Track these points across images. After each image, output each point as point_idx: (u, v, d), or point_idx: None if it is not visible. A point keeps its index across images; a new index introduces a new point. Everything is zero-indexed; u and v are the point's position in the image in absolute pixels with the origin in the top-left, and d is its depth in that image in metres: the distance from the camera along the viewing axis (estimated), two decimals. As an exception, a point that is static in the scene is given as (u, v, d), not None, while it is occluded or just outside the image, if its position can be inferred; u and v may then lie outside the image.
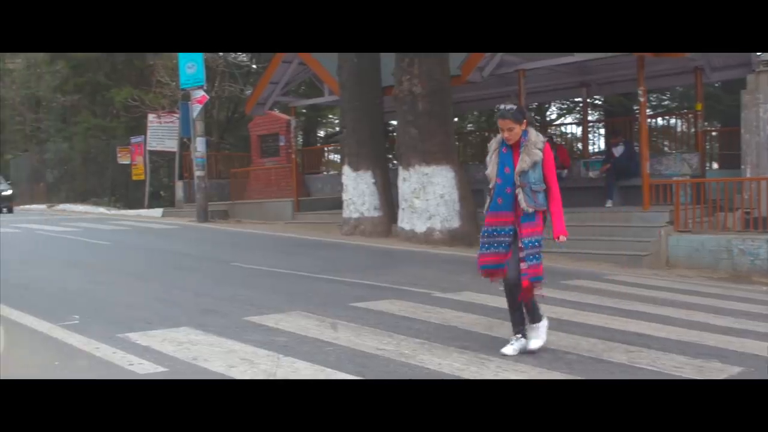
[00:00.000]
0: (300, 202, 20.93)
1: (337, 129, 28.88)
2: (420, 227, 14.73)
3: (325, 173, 24.87)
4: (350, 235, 16.03)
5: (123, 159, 28.36)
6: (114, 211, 26.92)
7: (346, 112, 16.91)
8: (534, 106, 26.60)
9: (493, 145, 5.65)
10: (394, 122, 17.79)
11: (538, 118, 28.36)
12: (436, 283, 9.20)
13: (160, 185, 30.55)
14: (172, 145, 26.22)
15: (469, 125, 32.16)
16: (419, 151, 14.76)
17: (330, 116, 34.72)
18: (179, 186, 26.15)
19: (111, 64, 31.92)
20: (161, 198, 29.79)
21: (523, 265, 5.42)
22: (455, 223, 14.53)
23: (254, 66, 30.65)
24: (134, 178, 27.89)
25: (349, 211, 16.57)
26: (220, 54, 26.88)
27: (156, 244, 14.27)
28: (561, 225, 5.53)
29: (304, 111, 29.66)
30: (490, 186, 5.59)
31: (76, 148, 34.25)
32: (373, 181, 16.34)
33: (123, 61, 31.38)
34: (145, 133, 26.72)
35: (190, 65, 21.45)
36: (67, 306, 7.40)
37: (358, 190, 16.40)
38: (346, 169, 16.68)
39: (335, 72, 17.49)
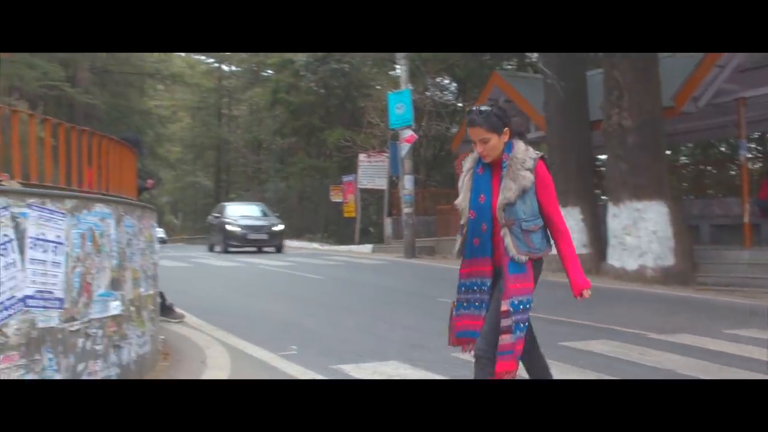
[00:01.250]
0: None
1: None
2: (631, 265, 14.21)
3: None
4: (558, 272, 15.72)
5: (335, 197, 29.58)
6: (327, 247, 28.11)
7: (553, 148, 16.71)
8: (756, 136, 24.96)
9: (467, 163, 4.09)
10: (603, 157, 17.35)
11: (760, 149, 26.49)
12: (650, 323, 8.81)
13: (369, 222, 31.55)
14: (381, 183, 27.02)
15: (682, 158, 30.72)
16: (629, 186, 14.29)
17: (536, 152, 34.39)
18: (388, 222, 26.88)
19: (325, 108, 33.57)
20: (370, 234, 30.74)
21: (506, 339, 3.82)
22: (669, 261, 13.87)
23: (460, 104, 31.07)
24: (345, 215, 29.00)
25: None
26: (427, 93, 27.50)
27: (366, 278, 14.73)
28: (580, 274, 4.01)
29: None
30: (462, 222, 4.08)
31: (292, 187, 36.19)
32: (581, 217, 15.99)
33: (336, 105, 32.90)
34: (356, 172, 27.73)
35: (399, 106, 22.13)
36: (285, 337, 7.82)
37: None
38: (553, 205, 16.42)
39: (541, 107, 17.38)
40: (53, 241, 4.80)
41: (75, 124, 6.07)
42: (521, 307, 3.85)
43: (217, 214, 26.06)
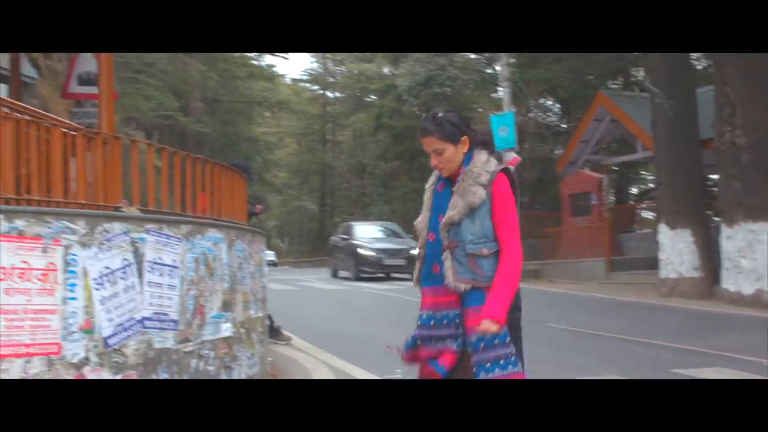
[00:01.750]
0: (612, 261, 20.37)
1: (651, 185, 27.84)
2: (747, 289, 13.63)
3: (638, 232, 24.00)
4: (667, 297, 15.26)
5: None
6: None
7: (661, 168, 16.28)
8: None
9: (430, 179, 3.61)
10: (714, 176, 16.78)
11: None
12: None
13: (472, 245, 31.37)
14: (484, 205, 26.86)
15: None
16: (744, 207, 13.75)
17: (643, 172, 33.59)
18: (491, 246, 26.65)
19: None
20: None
21: (499, 375, 3.38)
22: (788, 285, 13.25)
23: (564, 126, 30.69)
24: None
25: (666, 271, 15.81)
26: (530, 115, 27.28)
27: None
28: (495, 305, 3.34)
29: (615, 168, 29.01)
30: (419, 245, 3.60)
31: (396, 211, 36.47)
32: (692, 239, 15.48)
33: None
34: (459, 195, 27.67)
35: (502, 128, 22.01)
36: (390, 359, 7.85)
37: (675, 249, 15.63)
38: (663, 227, 15.99)
39: (648, 127, 16.98)
40: (169, 265, 5.01)
41: (187, 151, 6.33)
42: (485, 344, 3.32)
43: (344, 236, 23.25)
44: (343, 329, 10.48)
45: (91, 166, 5.37)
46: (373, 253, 21.28)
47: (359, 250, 21.48)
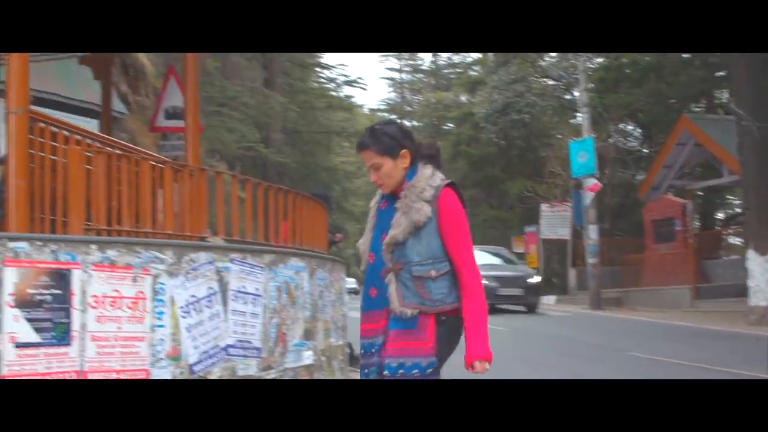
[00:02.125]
0: (698, 289, 19.81)
1: (738, 210, 27.03)
2: (844, 318, 13.08)
3: (725, 258, 23.31)
4: (757, 325, 14.73)
5: (518, 248, 29.36)
6: (509, 298, 27.81)
7: (749, 192, 15.81)
8: None
9: (374, 198, 3.36)
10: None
11: None
12: None
13: (552, 273, 31.01)
14: (564, 233, 26.56)
15: None
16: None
17: (729, 197, 32.64)
18: (572, 273, 26.31)
19: (506, 159, 33.63)
20: (553, 285, 30.20)
21: None
22: None
23: (645, 151, 30.15)
24: (528, 266, 28.70)
25: (756, 299, 15.28)
26: (610, 140, 26.91)
27: (550, 330, 14.46)
28: (480, 342, 3.12)
29: (700, 193, 28.31)
30: (361, 268, 3.32)
31: (475, 239, 36.25)
32: (783, 266, 14.95)
33: (517, 155, 32.88)
34: (538, 223, 27.46)
35: (582, 154, 21.80)
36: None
37: (765, 276, 15.11)
38: (751, 254, 15.48)
39: (734, 150, 16.54)
40: (253, 294, 5.13)
41: (269, 182, 6.49)
42: (400, 371, 3.00)
43: None
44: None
45: (177, 198, 5.55)
46: (486, 282, 19.38)
47: None
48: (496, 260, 20.87)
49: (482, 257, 19.96)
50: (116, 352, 4.50)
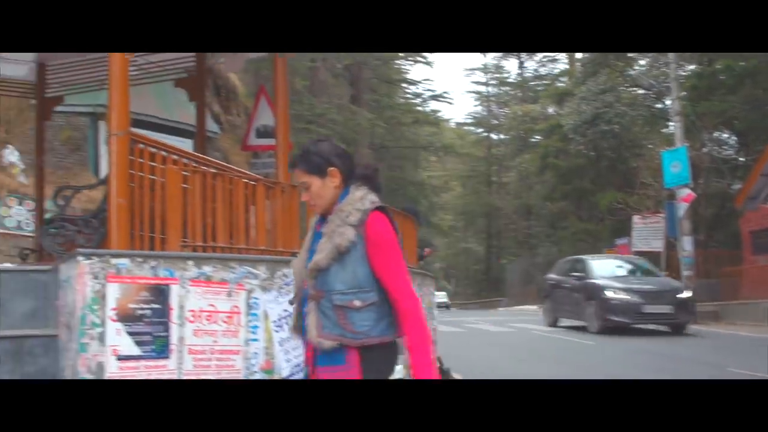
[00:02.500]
0: (802, 302, 19.00)
1: None
2: None
3: (831, 270, 22.32)
4: None
5: (609, 261, 28.80)
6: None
7: None
8: None
9: (314, 218, 3.14)
10: None
11: None
12: None
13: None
14: (657, 245, 25.91)
15: None
16: None
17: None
18: (666, 286, 25.61)
19: (596, 170, 33.08)
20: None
21: None
22: None
23: (741, 159, 29.19)
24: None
25: None
26: (704, 149, 26.18)
27: (644, 345, 14.11)
28: (425, 369, 2.86)
29: (802, 203, 27.21)
30: (294, 292, 3.11)
31: (564, 251, 35.78)
32: None
33: (606, 166, 32.30)
34: (629, 235, 26.90)
35: (675, 164, 21.27)
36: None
37: None
38: None
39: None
40: (343, 308, 5.19)
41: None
42: None
43: (578, 273, 17.46)
44: (506, 371, 10.35)
45: (269, 214, 5.68)
46: (627, 297, 15.59)
47: (606, 293, 15.68)
48: (635, 272, 17.78)
49: (617, 267, 17.86)
50: (212, 365, 4.63)
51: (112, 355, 4.37)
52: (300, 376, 4.92)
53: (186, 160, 5.41)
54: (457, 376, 9.20)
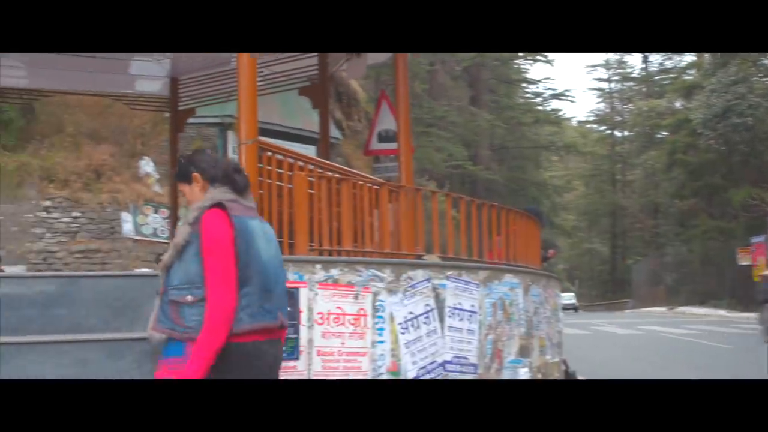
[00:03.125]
0: None
1: None
2: None
3: None
4: None
5: (743, 260, 27.61)
6: (735, 314, 26.16)
7: None
8: None
9: None
10: None
11: None
12: None
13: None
14: (797, 243, 24.65)
15: None
16: None
17: None
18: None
19: (728, 165, 31.72)
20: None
21: None
22: None
23: None
24: (756, 279, 26.83)
25: None
26: None
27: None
28: (190, 366, 2.83)
29: None
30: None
31: (694, 251, 34.48)
32: None
33: (739, 161, 30.92)
34: (766, 232, 25.68)
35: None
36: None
37: None
38: None
39: None
40: (468, 310, 5.20)
41: (477, 199, 6.55)
42: None
43: None
44: (633, 375, 10.05)
45: (393, 217, 5.74)
46: None
47: None
48: None
49: None
50: (340, 366, 4.71)
51: (245, 356, 4.51)
52: (428, 378, 4.95)
53: (311, 166, 5.54)
54: (582, 378, 9.01)
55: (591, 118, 61.03)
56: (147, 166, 15.43)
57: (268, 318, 3.00)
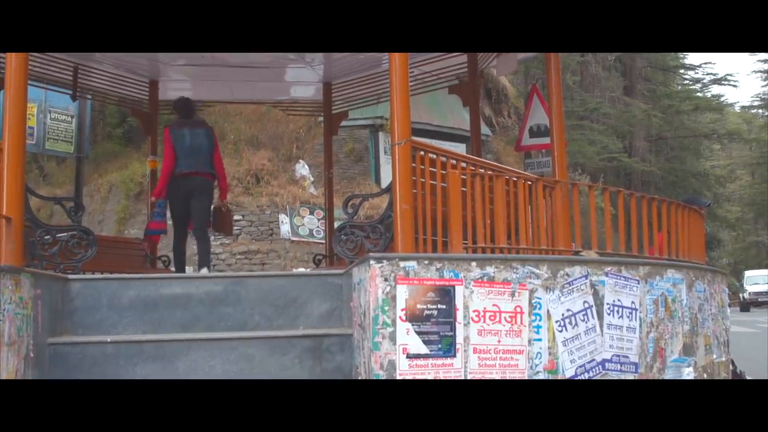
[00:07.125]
0: None
1: None
2: None
3: None
4: None
5: None
6: None
7: None
8: None
9: None
10: None
11: None
12: None
13: None
14: None
15: None
16: None
17: None
18: None
19: None
20: None
21: None
22: None
23: None
24: None
25: None
26: None
27: None
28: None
29: None
30: None
31: None
32: None
33: None
34: None
35: None
36: None
37: None
38: None
39: None
40: (628, 307, 5.05)
41: (633, 191, 6.35)
42: None
43: None
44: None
45: (548, 213, 5.66)
46: None
47: None
48: None
49: None
50: (496, 364, 4.69)
51: (402, 353, 4.58)
52: (585, 377, 4.85)
53: (464, 163, 5.54)
54: (750, 379, 8.54)
55: (756, 103, 57.59)
56: (302, 169, 15.93)
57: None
